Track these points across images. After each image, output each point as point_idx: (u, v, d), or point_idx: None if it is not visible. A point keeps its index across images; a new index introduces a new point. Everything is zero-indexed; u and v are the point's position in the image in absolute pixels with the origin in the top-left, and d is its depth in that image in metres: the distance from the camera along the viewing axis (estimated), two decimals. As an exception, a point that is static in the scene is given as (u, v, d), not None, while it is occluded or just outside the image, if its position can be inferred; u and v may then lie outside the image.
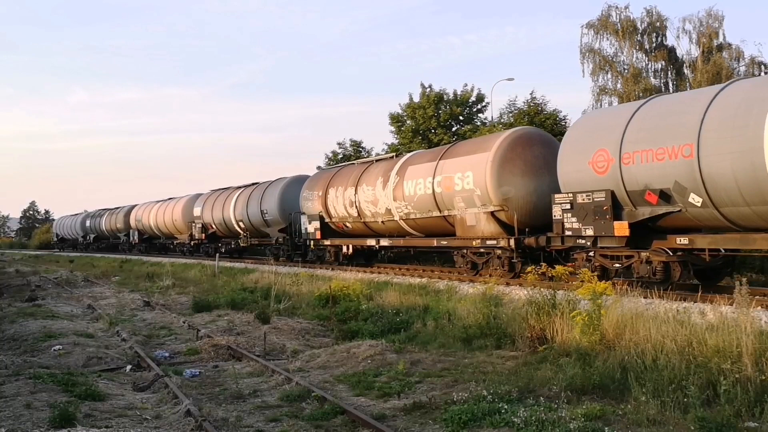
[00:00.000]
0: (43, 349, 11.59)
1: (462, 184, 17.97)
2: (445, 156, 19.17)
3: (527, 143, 17.38)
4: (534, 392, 7.40)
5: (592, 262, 14.31)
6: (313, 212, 26.13)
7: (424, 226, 20.34)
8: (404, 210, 20.54)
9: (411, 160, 21.21)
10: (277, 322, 13.39)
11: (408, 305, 13.81)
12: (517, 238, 16.56)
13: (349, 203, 23.56)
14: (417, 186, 19.83)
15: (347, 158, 41.11)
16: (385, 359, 9.64)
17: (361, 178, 23.12)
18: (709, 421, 5.70)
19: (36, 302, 18.98)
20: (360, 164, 25.10)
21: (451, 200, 18.47)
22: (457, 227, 18.49)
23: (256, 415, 7.54)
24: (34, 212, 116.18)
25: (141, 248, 52.01)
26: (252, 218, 32.36)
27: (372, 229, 23.11)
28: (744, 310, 7.74)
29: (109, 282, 27.65)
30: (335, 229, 25.51)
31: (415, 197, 19.92)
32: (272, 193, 30.83)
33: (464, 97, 36.74)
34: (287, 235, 29.07)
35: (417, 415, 7.14)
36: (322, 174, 27.44)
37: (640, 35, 33.75)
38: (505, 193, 16.94)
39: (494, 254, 17.45)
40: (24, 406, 7.68)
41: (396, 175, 21.01)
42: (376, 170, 22.59)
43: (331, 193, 24.87)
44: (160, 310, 17.04)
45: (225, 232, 36.92)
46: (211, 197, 38.81)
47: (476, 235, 17.71)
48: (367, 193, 22.47)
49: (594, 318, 8.89)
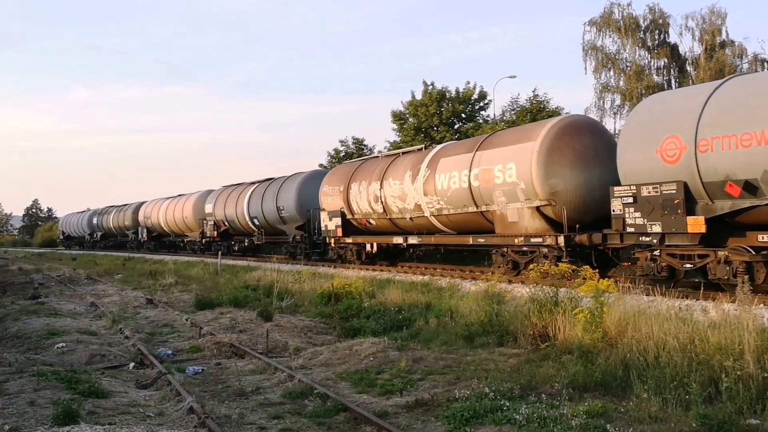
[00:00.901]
0: (47, 346, 11.63)
1: (503, 177, 16.59)
2: (483, 147, 17.75)
3: (576, 132, 16.02)
4: (536, 389, 7.40)
5: (657, 262, 13.17)
6: (333, 208, 24.94)
7: (458, 223, 19.10)
8: (436, 205, 19.28)
9: (443, 151, 19.84)
10: (280, 320, 13.41)
11: (410, 303, 13.82)
12: (567, 235, 15.22)
13: (373, 199, 22.36)
14: (451, 179, 18.48)
15: (349, 156, 40.98)
16: (387, 357, 9.64)
17: (387, 172, 21.83)
18: (710, 418, 5.70)
19: (39, 300, 19.00)
20: (385, 157, 23.77)
21: (490, 194, 17.16)
22: (496, 224, 17.23)
23: (258, 413, 7.56)
24: (36, 210, 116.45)
25: (150, 246, 50.66)
26: (267, 215, 31.25)
27: (398, 226, 21.93)
28: (746, 308, 7.74)
29: (111, 280, 27.68)
30: (357, 226, 24.31)
31: (448, 192, 18.61)
32: (289, 188, 29.57)
33: (466, 95, 36.75)
34: (305, 232, 27.97)
35: (419, 412, 7.15)
36: (344, 168, 26.22)
37: (643, 32, 33.73)
38: (553, 187, 15.58)
39: (539, 253, 16.06)
40: (27, 403, 7.71)
41: (426, 168, 19.71)
42: (404, 163, 21.30)
43: (354, 188, 23.64)
44: (162, 308, 17.06)
45: (238, 230, 35.74)
46: (223, 193, 37.56)
47: (518, 233, 16.39)
48: (394, 187, 21.18)
49: (596, 315, 8.89)
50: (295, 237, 29.05)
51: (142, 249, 51.37)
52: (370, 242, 23.42)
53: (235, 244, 36.51)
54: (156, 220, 47.37)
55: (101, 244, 62.51)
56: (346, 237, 24.41)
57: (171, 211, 44.45)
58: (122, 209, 56.65)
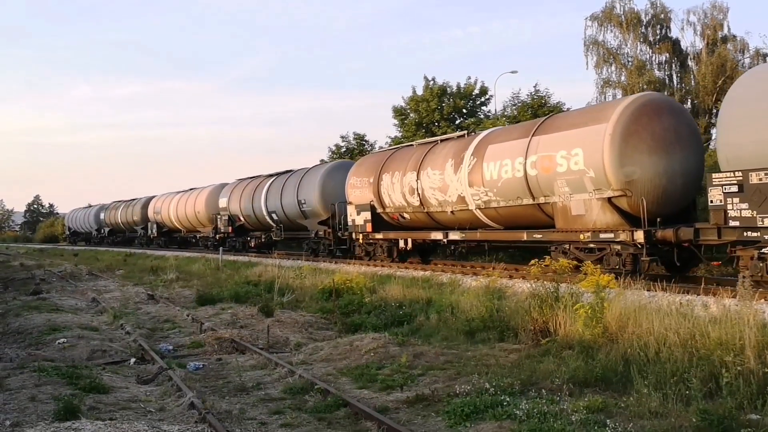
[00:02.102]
0: (48, 342, 11.64)
1: (567, 165, 14.79)
2: (542, 131, 15.96)
3: (654, 112, 14.16)
4: (536, 385, 7.41)
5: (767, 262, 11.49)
6: (362, 202, 23.11)
7: (509, 217, 17.28)
8: (483, 197, 17.47)
9: (491, 137, 18.02)
10: (281, 316, 13.42)
11: (411, 298, 13.82)
12: (648, 230, 13.40)
13: (408, 191, 20.58)
14: (502, 168, 16.68)
15: (350, 152, 40.82)
16: (387, 352, 9.66)
17: (424, 161, 20.05)
18: (710, 413, 5.70)
19: (40, 296, 19.03)
20: (420, 145, 21.86)
21: (549, 184, 15.37)
22: (557, 217, 15.42)
23: (259, 408, 7.57)
24: (38, 206, 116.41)
25: (160, 243, 48.40)
26: (287, 209, 29.37)
27: (436, 220, 20.14)
28: (747, 303, 7.74)
29: (113, 276, 27.74)
30: (388, 220, 22.50)
31: (498, 182, 16.80)
32: (311, 180, 27.57)
33: (468, 90, 36.70)
34: (329, 227, 26.23)
35: (419, 407, 7.16)
36: (373, 158, 24.48)
37: (645, 27, 33.63)
38: (629, 175, 13.80)
39: (610, 251, 14.29)
40: (29, 398, 7.73)
41: (472, 156, 17.88)
42: (444, 151, 19.47)
43: (386, 179, 21.85)
44: (164, 304, 17.09)
45: (255, 225, 33.80)
46: (238, 187, 35.57)
47: (585, 227, 14.62)
48: (433, 178, 19.39)
49: (597, 311, 8.89)
50: (317, 233, 27.40)
51: (151, 245, 49.20)
52: (404, 238, 21.62)
53: (251, 239, 34.55)
54: (166, 215, 45.43)
55: (109, 240, 60.58)
56: (376, 233, 22.68)
57: (182, 206, 42.50)
58: (130, 204, 54.44)
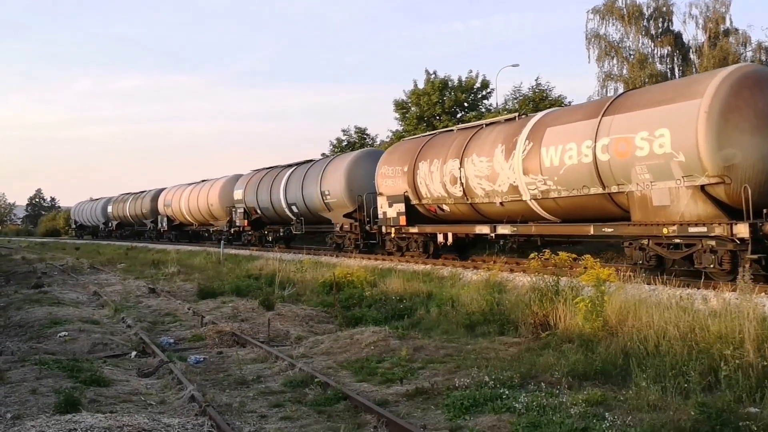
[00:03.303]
0: (49, 335, 11.68)
1: (649, 148, 12.90)
2: (615, 110, 14.05)
3: (757, 86, 12.25)
4: (536, 378, 7.42)
5: None
6: (394, 193, 21.35)
7: (571, 208, 15.39)
8: (540, 186, 15.59)
9: (549, 119, 16.16)
10: (281, 309, 13.44)
11: (412, 292, 13.84)
12: (754, 223, 11.42)
13: (450, 180, 18.75)
14: (565, 154, 14.78)
15: (352, 146, 40.70)
16: (388, 345, 9.68)
17: (468, 147, 18.24)
18: (709, 406, 5.71)
19: (42, 289, 19.06)
20: (462, 130, 19.95)
21: (626, 171, 13.51)
22: (633, 209, 13.56)
23: (259, 401, 7.59)
24: (40, 200, 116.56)
25: (171, 237, 46.56)
26: (309, 201, 27.55)
27: (482, 212, 18.36)
28: (747, 297, 7.73)
29: (114, 269, 27.78)
30: (424, 213, 20.73)
31: (560, 169, 14.93)
32: (336, 170, 25.87)
33: (469, 84, 36.65)
34: (355, 221, 24.49)
35: (419, 400, 7.17)
36: (407, 145, 22.55)
37: (646, 20, 33.60)
38: (729, 158, 11.90)
39: (702, 247, 12.35)
40: (30, 391, 7.76)
41: (527, 141, 16.02)
42: (492, 136, 17.69)
43: (422, 168, 20.07)
44: (165, 297, 17.12)
45: (272, 218, 31.99)
46: (254, 178, 33.78)
47: (669, 220, 12.76)
48: (480, 165, 17.54)
49: (597, 304, 8.90)
50: (342, 226, 25.60)
51: (161, 239, 47.65)
52: (443, 232, 19.82)
53: (268, 233, 32.76)
54: (177, 208, 43.42)
55: (117, 233, 58.60)
56: (411, 226, 20.95)
57: (194, 199, 40.43)
58: (139, 196, 52.30)
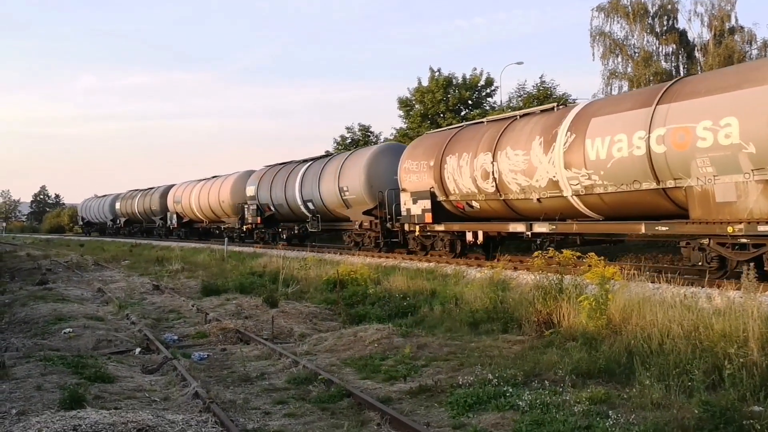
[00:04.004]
0: (54, 332, 11.71)
1: (713, 138, 11.94)
2: (670, 97, 13.02)
3: None
4: (539, 376, 7.42)
5: None
6: (419, 188, 20.43)
7: (618, 205, 14.39)
8: (584, 182, 14.60)
9: (594, 108, 15.08)
10: (285, 306, 13.46)
11: (415, 290, 13.84)
12: None
13: (481, 175, 17.74)
14: (613, 146, 13.80)
15: (356, 143, 40.66)
16: (391, 343, 9.68)
17: (501, 140, 17.25)
18: (713, 404, 5.70)
19: (47, 286, 19.13)
20: (493, 122, 18.92)
21: (684, 164, 12.56)
22: (692, 205, 12.58)
23: (263, 398, 7.61)
24: (44, 197, 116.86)
25: (180, 234, 45.67)
26: (326, 198, 26.66)
27: (516, 209, 17.42)
28: (752, 295, 7.72)
29: (118, 266, 27.85)
30: (451, 210, 19.78)
31: (607, 162, 13.95)
32: (355, 165, 24.88)
33: (473, 81, 36.61)
34: (375, 218, 23.54)
35: (423, 398, 7.18)
36: (432, 138, 21.45)
37: (651, 18, 33.51)
38: None
39: None
40: (35, 387, 7.79)
41: (568, 133, 15.04)
42: (528, 127, 16.70)
43: (450, 162, 19.05)
44: (169, 294, 17.15)
45: (287, 216, 31.17)
46: (268, 173, 32.98)
47: (735, 217, 11.80)
48: (515, 159, 16.58)
49: (601, 302, 8.90)
50: (362, 223, 24.60)
51: (171, 237, 46.82)
52: (472, 230, 18.77)
53: (282, 231, 31.80)
54: (187, 205, 42.63)
55: (125, 230, 57.72)
56: (437, 224, 19.98)
57: (205, 195, 39.66)
58: (148, 193, 51.58)
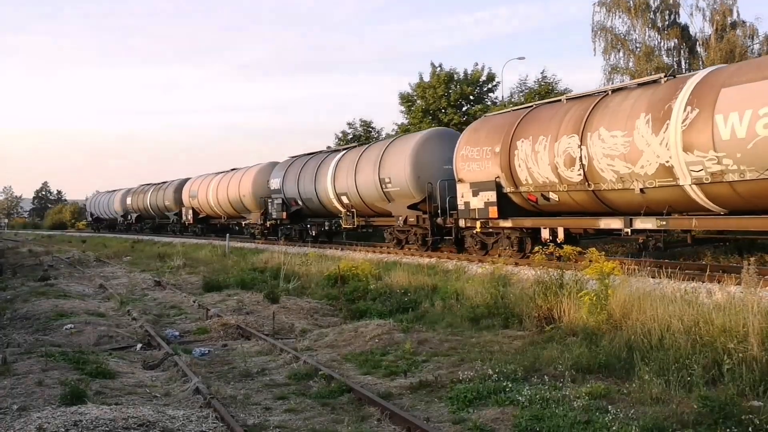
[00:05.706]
0: (55, 327, 11.73)
1: None
2: None
3: None
4: (539, 371, 7.43)
5: None
6: (481, 179, 17.74)
7: (755, 196, 11.71)
8: (712, 167, 11.83)
9: (724, 77, 12.12)
10: (286, 302, 13.47)
11: (416, 285, 13.84)
12: None
13: (565, 161, 14.93)
14: (758, 122, 10.99)
15: (357, 139, 40.36)
16: (392, 338, 9.70)
17: (591, 119, 14.41)
18: (712, 399, 5.71)
19: (48, 282, 19.17)
20: (574, 99, 16.01)
21: None
22: None
23: (264, 393, 7.63)
24: (46, 193, 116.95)
25: (196, 230, 43.14)
26: (363, 190, 23.80)
27: (607, 202, 14.66)
28: (752, 290, 7.72)
29: (120, 262, 27.87)
30: (520, 203, 17.11)
31: (747, 143, 11.15)
32: (400, 153, 21.95)
33: (475, 77, 36.52)
34: (423, 213, 20.98)
35: (423, 393, 7.20)
36: (497, 120, 18.58)
37: (653, 13, 33.35)
38: None
39: None
40: (36, 383, 7.80)
41: (687, 108, 12.24)
42: (628, 103, 13.80)
43: (522, 147, 16.22)
44: (170, 290, 17.18)
45: (316, 210, 28.38)
46: (295, 165, 30.13)
47: None
48: (611, 142, 13.74)
49: (601, 298, 8.91)
50: (406, 219, 21.93)
51: (186, 233, 44.45)
52: (550, 227, 16.00)
53: (311, 227, 29.06)
54: (204, 200, 40.08)
55: (136, 227, 54.91)
56: (503, 219, 17.29)
57: (223, 189, 37.04)
58: (161, 187, 48.87)
